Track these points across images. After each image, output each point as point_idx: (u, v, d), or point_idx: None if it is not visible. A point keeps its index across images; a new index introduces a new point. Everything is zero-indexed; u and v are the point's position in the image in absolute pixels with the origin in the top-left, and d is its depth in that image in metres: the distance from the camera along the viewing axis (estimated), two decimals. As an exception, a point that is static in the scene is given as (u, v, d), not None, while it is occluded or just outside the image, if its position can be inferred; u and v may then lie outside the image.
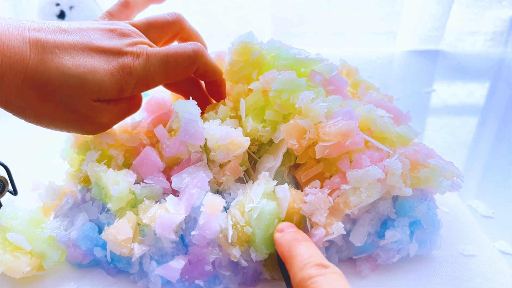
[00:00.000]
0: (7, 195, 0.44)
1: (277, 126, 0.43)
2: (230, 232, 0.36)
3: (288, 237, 0.35)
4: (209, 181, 0.40)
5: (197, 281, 0.37)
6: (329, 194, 0.38)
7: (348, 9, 1.01)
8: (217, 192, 0.42)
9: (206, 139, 0.40)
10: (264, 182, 0.39)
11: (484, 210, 0.50)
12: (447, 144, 0.65)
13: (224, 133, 0.39)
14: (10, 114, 0.37)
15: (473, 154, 0.64)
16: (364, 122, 0.41)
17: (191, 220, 0.38)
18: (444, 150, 0.45)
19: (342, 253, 0.40)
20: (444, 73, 0.94)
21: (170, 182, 0.40)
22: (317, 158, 0.40)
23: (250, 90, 0.45)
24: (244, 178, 0.44)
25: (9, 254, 0.38)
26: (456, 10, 1.00)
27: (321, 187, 0.40)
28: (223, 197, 0.41)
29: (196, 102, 0.42)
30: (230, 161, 0.41)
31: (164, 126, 0.43)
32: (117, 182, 0.38)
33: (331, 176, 0.40)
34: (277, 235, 0.36)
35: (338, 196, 0.38)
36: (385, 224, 0.40)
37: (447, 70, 0.95)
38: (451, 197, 0.50)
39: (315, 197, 0.37)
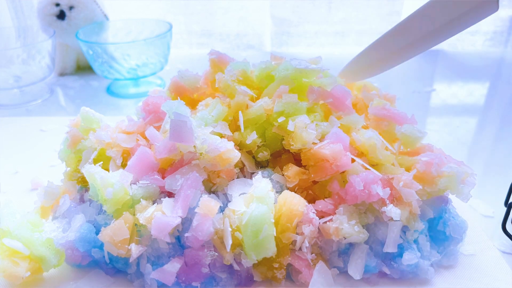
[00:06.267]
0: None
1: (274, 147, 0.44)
2: (229, 241, 0.36)
3: None
4: (202, 181, 0.39)
5: (193, 283, 0.37)
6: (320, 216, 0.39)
7: (348, 9, 1.01)
8: (211, 191, 0.41)
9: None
10: (256, 185, 0.38)
11: (484, 210, 0.50)
12: (447, 144, 0.65)
13: (214, 147, 0.39)
14: (10, 114, 0.37)
15: (473, 154, 0.64)
16: (364, 146, 0.42)
17: (187, 221, 0.38)
18: (444, 150, 0.45)
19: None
20: (444, 73, 0.94)
21: (166, 182, 0.40)
22: (311, 180, 0.41)
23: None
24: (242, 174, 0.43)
25: (7, 260, 0.37)
26: (456, 10, 1.00)
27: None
28: (218, 196, 0.41)
29: (184, 103, 0.42)
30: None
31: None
32: (111, 185, 0.38)
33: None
34: None
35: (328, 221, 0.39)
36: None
37: (447, 70, 0.95)
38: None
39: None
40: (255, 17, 1.03)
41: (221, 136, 0.42)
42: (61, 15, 0.86)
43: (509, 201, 0.46)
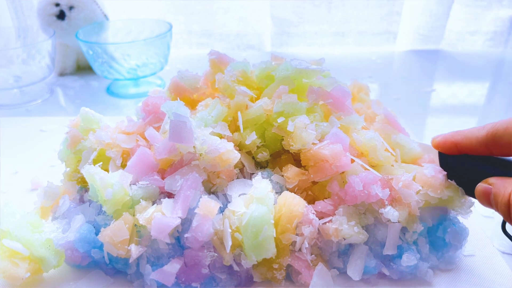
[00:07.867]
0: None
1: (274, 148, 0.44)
2: (229, 242, 0.36)
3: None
4: (202, 181, 0.39)
5: (193, 284, 0.37)
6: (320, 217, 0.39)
7: (348, 9, 1.01)
8: (211, 192, 0.41)
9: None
10: (256, 186, 0.38)
11: (484, 210, 0.50)
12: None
13: (213, 148, 0.39)
14: (10, 114, 0.37)
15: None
16: (364, 147, 0.42)
17: (187, 222, 0.38)
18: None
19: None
20: (444, 73, 0.94)
21: (166, 183, 0.40)
22: (310, 181, 0.41)
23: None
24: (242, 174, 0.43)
25: (7, 261, 0.37)
26: (456, 10, 1.00)
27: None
28: (217, 197, 0.41)
29: (184, 103, 0.41)
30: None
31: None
32: (111, 185, 0.38)
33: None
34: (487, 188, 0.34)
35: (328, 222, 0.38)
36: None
37: (447, 70, 0.95)
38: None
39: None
40: (255, 17, 1.03)
41: (221, 136, 0.42)
42: (61, 15, 0.86)
43: None
